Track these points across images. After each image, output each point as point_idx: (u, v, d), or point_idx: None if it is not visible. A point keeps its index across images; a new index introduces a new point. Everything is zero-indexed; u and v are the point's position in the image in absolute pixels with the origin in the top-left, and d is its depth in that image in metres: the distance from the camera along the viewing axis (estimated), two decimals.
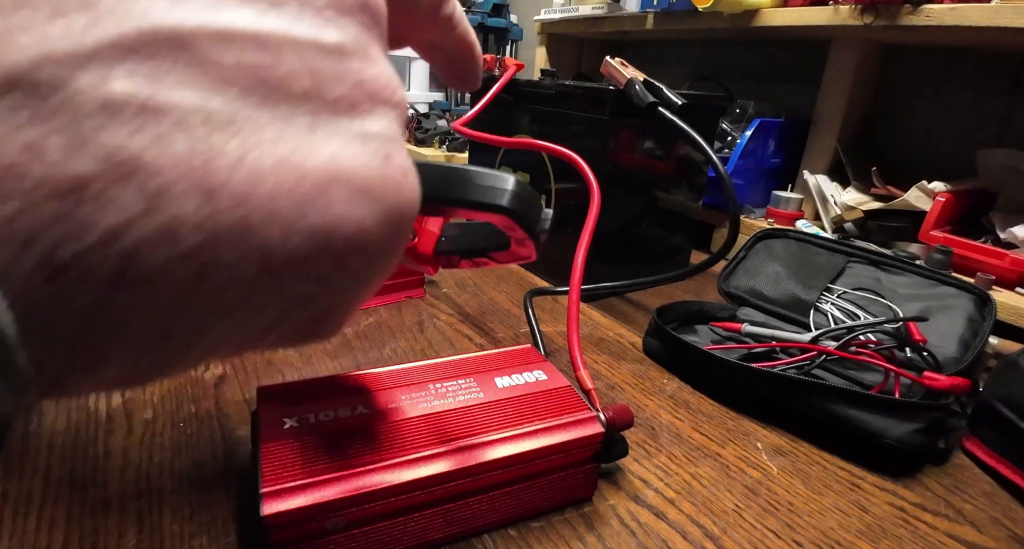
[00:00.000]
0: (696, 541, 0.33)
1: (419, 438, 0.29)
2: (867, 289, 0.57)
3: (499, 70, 0.73)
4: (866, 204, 0.79)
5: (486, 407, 0.32)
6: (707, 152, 0.56)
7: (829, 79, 0.86)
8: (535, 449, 0.30)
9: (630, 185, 0.68)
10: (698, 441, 0.42)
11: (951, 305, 0.53)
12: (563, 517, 0.33)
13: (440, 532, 0.30)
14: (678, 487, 0.37)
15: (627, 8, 0.99)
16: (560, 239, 0.70)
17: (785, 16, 0.79)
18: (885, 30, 0.70)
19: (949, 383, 0.42)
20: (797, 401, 0.43)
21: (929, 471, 0.41)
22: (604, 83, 0.62)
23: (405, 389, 0.33)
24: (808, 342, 0.49)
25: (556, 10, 1.22)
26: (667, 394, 0.48)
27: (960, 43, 0.77)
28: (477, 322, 0.58)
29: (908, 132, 0.90)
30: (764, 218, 0.89)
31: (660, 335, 0.52)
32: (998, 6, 0.60)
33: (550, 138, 0.51)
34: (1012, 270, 0.64)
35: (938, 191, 0.71)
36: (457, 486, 0.29)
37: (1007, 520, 0.37)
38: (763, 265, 0.63)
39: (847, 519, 0.35)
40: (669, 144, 0.69)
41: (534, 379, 0.35)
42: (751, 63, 1.11)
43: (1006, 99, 0.79)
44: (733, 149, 0.88)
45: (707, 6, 0.82)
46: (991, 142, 0.81)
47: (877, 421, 0.40)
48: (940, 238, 0.69)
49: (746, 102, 0.98)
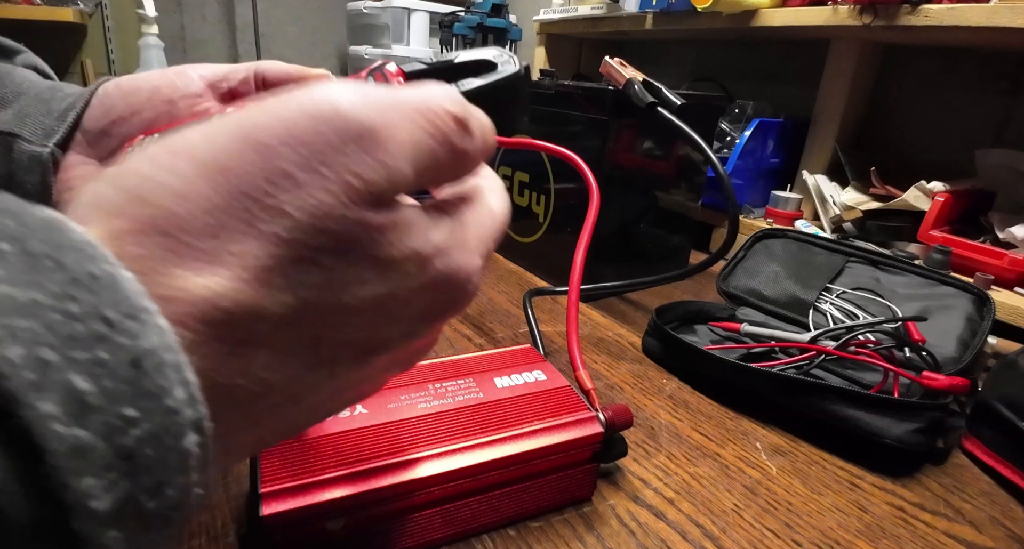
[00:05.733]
0: (695, 541, 0.33)
1: (418, 438, 0.29)
2: (866, 289, 0.57)
3: None
4: (865, 204, 0.79)
5: (485, 407, 0.32)
6: (706, 152, 0.56)
7: (828, 79, 0.86)
8: (534, 449, 0.30)
9: (629, 185, 0.68)
10: (697, 441, 0.42)
11: (950, 305, 0.53)
12: (562, 517, 0.33)
13: (440, 532, 0.30)
14: (677, 487, 0.37)
15: (626, 8, 0.99)
16: (560, 239, 0.70)
17: (784, 16, 0.79)
18: (884, 30, 0.70)
19: (948, 383, 0.42)
20: (796, 401, 0.43)
21: (928, 471, 0.41)
22: (603, 83, 0.62)
23: (404, 389, 0.33)
24: (807, 342, 0.49)
25: (555, 10, 1.22)
26: (666, 394, 0.48)
27: (959, 43, 0.77)
28: (476, 322, 0.58)
29: (907, 132, 0.90)
30: (763, 218, 0.89)
31: (659, 335, 0.52)
32: (997, 6, 0.60)
33: (549, 138, 0.51)
34: (1011, 270, 0.64)
35: (937, 191, 0.71)
36: (457, 486, 0.29)
37: (1006, 519, 0.37)
38: (762, 265, 0.63)
39: (846, 519, 0.35)
40: (668, 144, 0.69)
41: (533, 379, 0.35)
42: (750, 63, 1.11)
43: (1005, 99, 0.80)
44: (732, 149, 0.88)
45: (706, 6, 0.82)
46: (990, 142, 0.81)
47: (876, 421, 0.40)
48: (939, 238, 0.70)
49: (745, 102, 0.98)
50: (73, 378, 0.09)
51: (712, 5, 0.81)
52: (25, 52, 0.33)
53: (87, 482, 0.09)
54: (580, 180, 0.45)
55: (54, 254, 0.10)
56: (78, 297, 0.09)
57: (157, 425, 0.10)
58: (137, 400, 0.10)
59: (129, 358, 0.10)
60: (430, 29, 1.74)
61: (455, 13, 1.57)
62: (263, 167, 0.12)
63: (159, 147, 0.12)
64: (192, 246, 0.11)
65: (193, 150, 0.12)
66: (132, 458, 0.10)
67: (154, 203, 0.11)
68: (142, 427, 0.10)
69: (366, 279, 0.13)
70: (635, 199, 0.69)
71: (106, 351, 0.09)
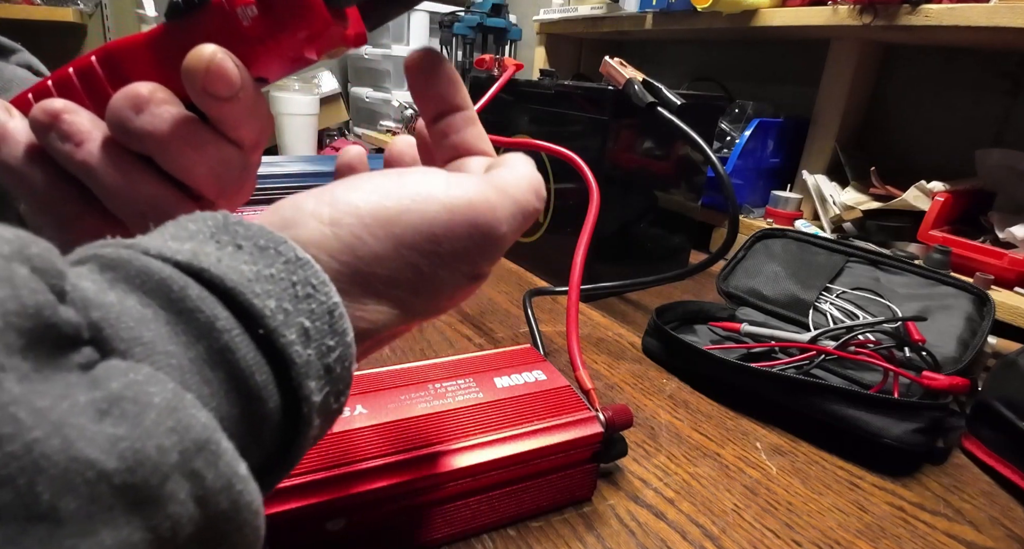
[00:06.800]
0: (695, 541, 0.33)
1: (419, 438, 0.29)
2: (866, 289, 0.57)
3: (498, 70, 0.73)
4: (865, 204, 0.79)
5: (485, 407, 0.32)
6: (706, 152, 0.56)
7: (828, 79, 0.86)
8: (534, 449, 0.30)
9: (629, 185, 0.68)
10: (697, 441, 0.42)
11: (950, 305, 0.53)
12: (562, 517, 0.33)
13: (440, 532, 0.30)
14: (677, 487, 0.37)
15: (626, 8, 0.99)
16: (560, 239, 0.70)
17: (784, 16, 0.79)
18: (884, 30, 0.70)
19: (948, 383, 0.42)
20: (796, 401, 0.43)
21: (928, 470, 0.41)
22: (603, 83, 0.62)
23: (404, 389, 0.33)
24: (807, 342, 0.49)
25: (555, 10, 1.22)
26: (666, 394, 0.48)
27: (959, 43, 0.77)
28: (476, 322, 0.58)
29: (907, 132, 0.90)
30: (763, 218, 0.89)
31: (659, 335, 0.52)
32: (997, 6, 0.60)
33: (549, 138, 0.51)
34: (1010, 270, 0.64)
35: (937, 191, 0.71)
36: (457, 486, 0.29)
37: (1006, 519, 0.37)
38: (762, 265, 0.63)
39: (846, 519, 0.35)
40: (668, 144, 0.69)
41: (533, 379, 0.35)
42: (750, 63, 1.11)
43: (1005, 99, 0.80)
44: (732, 149, 0.88)
45: (706, 6, 0.82)
46: (989, 142, 0.81)
47: (876, 421, 0.40)
48: (939, 238, 0.70)
49: (745, 102, 0.98)
50: (302, 320, 0.14)
51: (712, 5, 0.81)
52: (21, 51, 0.33)
53: (311, 384, 0.14)
54: (580, 180, 0.45)
55: (273, 246, 0.15)
56: (295, 271, 0.15)
57: (343, 353, 0.15)
58: (334, 336, 0.15)
59: (327, 309, 0.15)
60: (430, 29, 1.74)
61: (455, 13, 1.57)
62: (429, 249, 0.17)
63: (370, 211, 0.17)
64: (374, 288, 0.17)
65: (392, 225, 0.17)
66: (331, 372, 0.15)
67: (361, 258, 0.16)
68: (336, 352, 0.15)
69: (460, 282, 0.19)
70: (635, 199, 0.69)
71: (315, 304, 0.15)
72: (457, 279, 0.19)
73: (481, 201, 0.18)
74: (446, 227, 0.17)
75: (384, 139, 1.51)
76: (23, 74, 0.30)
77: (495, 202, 0.18)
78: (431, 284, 0.18)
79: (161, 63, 0.20)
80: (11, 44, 0.33)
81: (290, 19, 0.19)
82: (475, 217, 0.18)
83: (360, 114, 1.89)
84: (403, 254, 0.17)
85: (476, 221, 0.18)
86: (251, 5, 0.19)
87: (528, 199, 0.20)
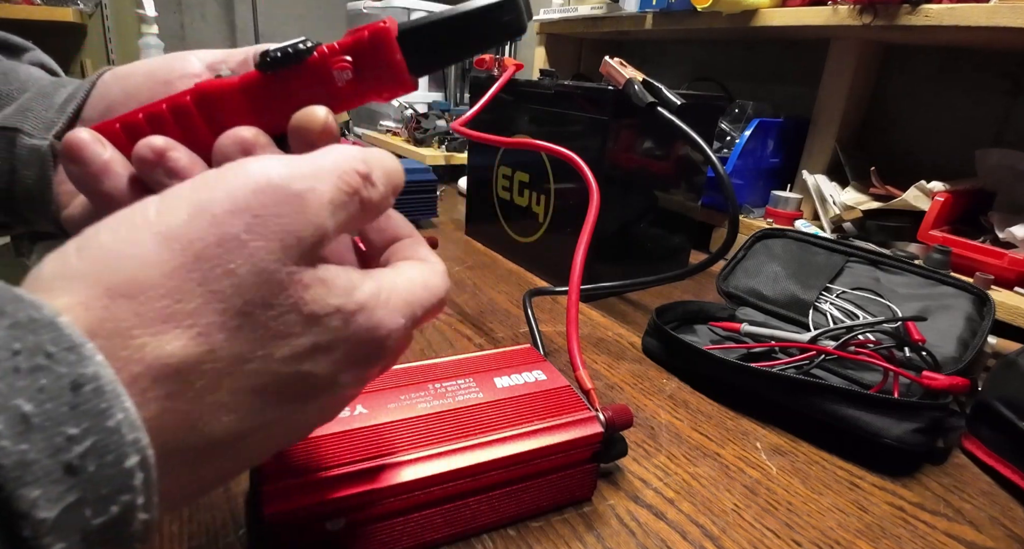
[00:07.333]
0: (695, 541, 0.33)
1: (419, 438, 0.29)
2: (866, 289, 0.57)
3: (498, 70, 0.73)
4: (865, 204, 0.79)
5: (485, 407, 0.32)
6: (706, 152, 0.56)
7: (828, 79, 0.86)
8: (534, 449, 0.30)
9: (629, 185, 0.68)
10: (697, 441, 0.42)
11: (950, 305, 0.53)
12: (562, 517, 0.33)
13: (440, 532, 0.30)
14: (677, 487, 0.37)
15: (626, 8, 0.99)
16: (560, 239, 0.70)
17: (784, 16, 0.79)
18: (884, 30, 0.70)
19: (948, 382, 0.42)
20: (796, 401, 0.43)
21: (928, 470, 0.41)
22: (603, 83, 0.62)
23: (404, 389, 0.33)
24: (807, 342, 0.49)
25: (555, 10, 1.22)
26: (666, 394, 0.48)
27: (959, 43, 0.77)
28: (476, 322, 0.58)
29: (907, 132, 0.90)
30: (763, 218, 0.89)
31: (659, 335, 0.52)
32: (996, 6, 0.60)
33: (549, 138, 0.51)
34: (1011, 270, 0.64)
35: (937, 191, 0.71)
36: (457, 486, 0.29)
37: (1006, 519, 0.37)
38: (762, 265, 0.63)
39: (846, 519, 0.35)
40: (668, 144, 0.69)
41: (533, 379, 0.35)
42: (750, 63, 1.11)
43: (1005, 99, 0.79)
44: (732, 149, 0.88)
45: (706, 6, 0.81)
46: (989, 142, 0.81)
47: (876, 421, 0.40)
48: (939, 238, 0.70)
49: (745, 102, 0.98)
50: (18, 403, 0.10)
51: (712, 5, 0.81)
52: (33, 50, 0.33)
53: (33, 492, 0.10)
54: (580, 180, 0.45)
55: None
56: (20, 337, 0.11)
57: (98, 443, 0.11)
58: (78, 420, 0.11)
59: (68, 383, 0.11)
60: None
61: None
62: (215, 233, 0.14)
63: (118, 221, 0.14)
64: (152, 307, 0.13)
65: (151, 224, 0.14)
66: (76, 473, 0.11)
67: (120, 270, 0.13)
68: (84, 444, 0.11)
69: (294, 330, 0.15)
70: (635, 199, 0.69)
71: (47, 378, 0.11)
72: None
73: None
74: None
75: (384, 139, 1.51)
76: (38, 74, 0.30)
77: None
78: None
79: (253, 110, 0.22)
80: (23, 42, 0.33)
81: (379, 84, 0.22)
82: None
83: (360, 114, 1.89)
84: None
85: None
86: (347, 69, 0.21)
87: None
